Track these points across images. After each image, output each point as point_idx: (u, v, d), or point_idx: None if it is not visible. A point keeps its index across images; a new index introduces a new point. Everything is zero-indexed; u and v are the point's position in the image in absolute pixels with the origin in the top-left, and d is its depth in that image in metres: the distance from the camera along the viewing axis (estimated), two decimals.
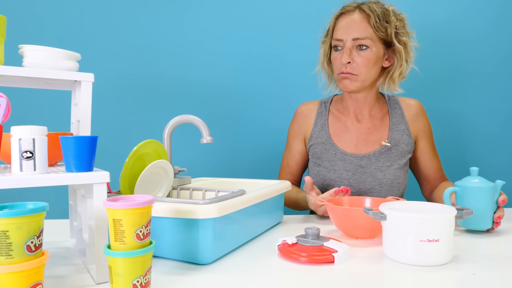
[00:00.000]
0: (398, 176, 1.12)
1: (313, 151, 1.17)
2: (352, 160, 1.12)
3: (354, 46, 1.05)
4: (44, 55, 0.69)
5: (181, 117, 0.90)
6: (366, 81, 1.08)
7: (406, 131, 1.15)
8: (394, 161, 1.12)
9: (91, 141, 0.57)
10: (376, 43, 1.05)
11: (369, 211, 0.70)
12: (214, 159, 1.45)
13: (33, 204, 0.49)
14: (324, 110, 1.20)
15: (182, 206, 0.63)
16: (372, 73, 1.08)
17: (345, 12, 1.09)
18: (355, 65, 1.06)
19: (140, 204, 0.50)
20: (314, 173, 1.17)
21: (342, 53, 1.07)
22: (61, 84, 0.78)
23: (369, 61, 1.05)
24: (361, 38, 1.04)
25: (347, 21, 1.07)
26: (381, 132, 1.15)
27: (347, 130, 1.16)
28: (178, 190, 0.84)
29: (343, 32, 1.06)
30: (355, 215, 0.77)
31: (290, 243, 0.69)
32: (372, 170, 1.11)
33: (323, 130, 1.17)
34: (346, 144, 1.14)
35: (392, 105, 1.18)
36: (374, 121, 1.16)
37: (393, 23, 1.05)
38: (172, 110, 1.41)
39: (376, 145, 1.13)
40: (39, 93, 1.35)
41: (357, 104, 1.16)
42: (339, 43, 1.08)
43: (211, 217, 0.62)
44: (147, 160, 0.79)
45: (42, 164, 0.55)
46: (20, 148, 0.53)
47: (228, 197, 0.69)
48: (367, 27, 1.04)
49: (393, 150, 1.12)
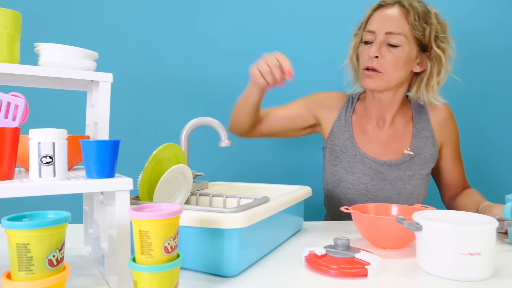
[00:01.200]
0: (419, 187, 1.07)
1: (331, 148, 1.11)
2: (372, 164, 1.06)
3: (385, 42, 0.98)
4: (61, 54, 0.65)
5: (198, 119, 0.86)
6: (391, 82, 1.00)
7: (431, 139, 1.08)
8: (416, 170, 1.06)
9: (113, 145, 0.53)
10: (410, 42, 0.98)
11: (403, 221, 0.66)
12: (226, 162, 1.41)
13: (54, 214, 0.46)
14: (350, 105, 1.13)
15: (207, 214, 0.60)
16: (399, 74, 1.00)
17: (383, 5, 1.01)
18: (383, 61, 0.98)
19: (168, 214, 0.47)
20: (330, 172, 1.11)
21: (371, 47, 0.99)
22: (76, 84, 0.75)
23: (399, 60, 0.97)
24: (395, 33, 0.96)
25: (383, 14, 1.00)
26: (403, 139, 1.09)
27: (367, 133, 1.10)
28: (197, 196, 0.81)
29: (377, 25, 0.99)
30: (384, 224, 0.73)
31: (319, 254, 0.65)
32: (392, 178, 1.06)
33: (345, 127, 1.10)
34: (367, 147, 1.08)
35: (417, 109, 1.11)
36: (396, 127, 1.09)
37: (433, 26, 0.97)
38: (185, 112, 1.38)
39: (397, 152, 1.07)
40: (49, 93, 1.32)
41: (380, 107, 1.08)
42: (370, 36, 1.00)
43: (238, 227, 0.59)
44: (166, 165, 0.75)
45: (62, 169, 0.51)
46: (40, 152, 0.49)
47: (254, 205, 0.65)
48: (404, 23, 0.97)
49: (416, 159, 1.06)
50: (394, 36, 0.96)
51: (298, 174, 1.46)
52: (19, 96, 0.51)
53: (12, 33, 0.61)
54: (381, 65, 0.98)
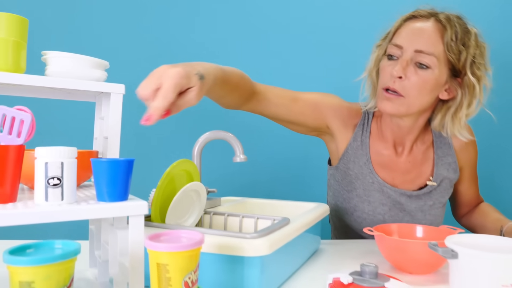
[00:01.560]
0: (439, 215, 0.99)
1: (345, 171, 0.98)
2: (390, 193, 0.95)
3: (413, 60, 0.84)
4: (70, 63, 0.60)
5: (212, 133, 0.81)
6: (413, 108, 0.86)
7: (453, 165, 0.98)
8: (437, 199, 0.97)
9: (127, 165, 0.48)
10: (441, 65, 0.84)
11: (436, 247, 0.61)
12: (231, 173, 1.36)
13: (62, 244, 0.41)
14: (366, 124, 0.99)
15: (226, 240, 0.55)
16: (424, 100, 0.86)
17: (416, 16, 0.87)
18: (407, 83, 0.83)
19: (190, 245, 0.42)
20: (342, 197, 1.00)
21: (395, 64, 0.85)
22: (85, 95, 0.70)
23: (426, 84, 0.83)
24: (426, 52, 0.82)
25: (415, 28, 0.85)
26: (422, 166, 0.97)
27: (385, 159, 0.98)
28: (211, 215, 0.76)
29: (406, 39, 0.85)
30: (413, 249, 0.68)
31: (346, 283, 0.60)
32: (412, 209, 0.96)
33: (362, 150, 0.97)
34: (384, 174, 0.97)
35: (437, 133, 0.98)
36: (415, 154, 0.98)
37: (471, 49, 0.83)
38: (196, 124, 1.33)
39: (417, 181, 0.97)
40: (54, 103, 1.27)
41: (399, 132, 0.95)
42: (396, 50, 0.86)
43: (261, 255, 0.54)
44: (178, 182, 0.70)
45: (71, 192, 0.46)
46: (46, 173, 0.44)
47: (275, 229, 0.60)
48: (438, 41, 0.83)
49: (437, 188, 0.97)
50: (425, 55, 0.82)
51: (303, 186, 1.41)
52: (25, 110, 0.47)
53: (18, 40, 0.57)
54: (404, 87, 0.84)
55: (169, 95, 0.55)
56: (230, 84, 0.77)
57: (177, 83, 0.56)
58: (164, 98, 0.55)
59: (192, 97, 0.60)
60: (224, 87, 0.76)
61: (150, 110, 0.54)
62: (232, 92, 0.81)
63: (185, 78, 0.57)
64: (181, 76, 0.56)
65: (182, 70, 0.57)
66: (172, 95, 0.55)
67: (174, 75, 0.56)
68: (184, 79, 0.57)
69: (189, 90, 0.60)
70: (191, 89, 0.60)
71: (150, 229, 0.59)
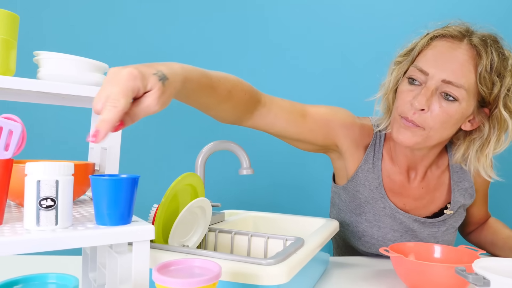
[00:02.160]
0: (452, 240, 0.93)
1: (354, 194, 0.90)
2: (403, 220, 0.88)
3: (438, 90, 0.73)
4: (65, 65, 0.54)
5: (217, 143, 0.76)
6: (432, 141, 0.77)
7: (470, 190, 0.90)
8: (451, 224, 0.90)
9: (131, 183, 0.42)
10: (470, 98, 0.73)
11: (464, 273, 0.56)
12: (234, 185, 1.30)
13: (56, 279, 0.35)
14: (378, 145, 0.90)
15: (239, 266, 0.49)
16: (445, 134, 0.77)
17: (447, 36, 0.75)
18: (429, 116, 0.73)
19: (206, 280, 0.36)
20: (349, 220, 0.92)
21: (418, 92, 0.74)
22: (80, 101, 0.64)
23: (450, 119, 0.73)
24: (455, 84, 0.71)
25: (445, 51, 0.74)
26: (436, 192, 0.90)
27: (396, 183, 0.90)
28: (216, 234, 0.70)
29: (433, 65, 0.73)
30: (433, 272, 0.64)
31: None
32: (425, 236, 0.89)
33: (374, 174, 0.88)
34: (396, 199, 0.89)
35: (453, 157, 0.88)
36: (429, 181, 0.90)
37: (507, 80, 0.72)
38: (200, 135, 1.27)
39: (430, 208, 0.90)
40: (44, 107, 1.20)
41: (413, 158, 0.87)
42: (420, 75, 0.75)
43: (279, 284, 0.48)
44: (182, 197, 0.65)
45: (66, 214, 0.40)
46: (38, 193, 0.38)
47: (291, 252, 0.55)
48: (471, 72, 0.72)
49: (453, 214, 0.90)
50: (453, 87, 0.72)
51: (305, 196, 1.37)
52: (14, 119, 0.41)
53: (8, 38, 0.50)
54: (425, 120, 0.74)
55: (118, 102, 0.43)
56: (217, 91, 0.66)
57: (129, 87, 0.44)
58: (113, 107, 0.43)
59: (150, 102, 0.47)
60: (210, 94, 0.65)
61: (97, 124, 0.42)
62: (223, 102, 0.69)
63: (139, 79, 0.46)
64: (134, 77, 0.45)
65: (135, 70, 0.46)
66: (123, 102, 0.43)
67: (125, 77, 0.45)
68: (138, 81, 0.46)
69: (146, 94, 0.48)
70: (149, 93, 0.48)
71: (153, 253, 0.53)
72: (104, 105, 0.43)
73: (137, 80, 0.46)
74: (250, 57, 1.33)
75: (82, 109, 0.67)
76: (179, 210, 0.64)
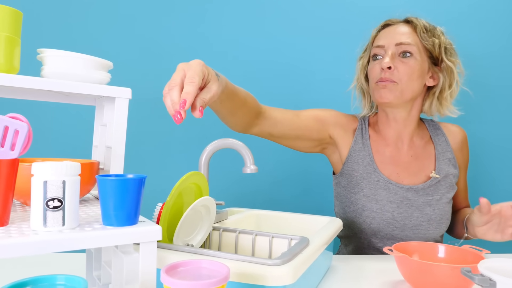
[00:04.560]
0: (447, 211, 1.00)
1: (350, 174, 1.00)
2: (396, 190, 0.97)
3: (397, 53, 0.94)
4: (69, 63, 0.54)
5: (220, 141, 0.76)
6: (406, 93, 0.94)
7: (453, 161, 1.03)
8: (443, 194, 0.99)
9: (138, 183, 0.42)
10: (421, 53, 0.94)
11: (471, 274, 0.56)
12: (236, 183, 1.30)
13: (65, 280, 0.34)
14: (364, 128, 1.05)
15: (244, 266, 0.49)
16: (414, 86, 0.94)
17: (389, 24, 0.99)
18: (396, 72, 0.92)
19: (215, 283, 0.36)
20: (349, 201, 1.00)
21: (382, 60, 0.94)
22: (83, 98, 0.63)
23: (413, 70, 0.93)
24: (406, 43, 0.93)
25: (391, 30, 0.97)
26: (425, 161, 1.02)
27: (387, 157, 1.01)
28: (221, 232, 0.70)
29: (386, 39, 0.95)
30: (438, 272, 0.64)
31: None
32: (420, 204, 0.97)
33: (365, 151, 1.01)
34: (389, 171, 0.99)
35: (434, 131, 1.06)
36: (416, 149, 1.02)
37: (442, 39, 0.95)
38: (203, 133, 1.26)
39: (421, 176, 1.00)
40: (47, 104, 1.19)
41: (396, 125, 1.01)
42: (379, 50, 0.96)
43: (285, 285, 0.48)
44: (186, 196, 0.64)
45: (73, 215, 0.40)
46: (45, 194, 0.38)
47: (297, 252, 0.55)
48: (414, 35, 0.94)
49: (442, 182, 0.99)
50: (405, 46, 0.93)
51: (307, 195, 1.36)
52: (20, 118, 0.40)
53: (11, 35, 0.50)
54: (394, 75, 0.93)
55: (195, 79, 0.56)
56: (238, 97, 0.77)
57: (200, 70, 0.58)
58: (191, 82, 0.55)
59: (214, 88, 0.61)
60: (233, 99, 0.76)
61: (182, 95, 0.54)
62: (241, 108, 0.80)
63: (205, 67, 0.60)
64: (202, 64, 0.59)
65: (201, 61, 0.60)
66: (198, 80, 0.56)
67: (196, 63, 0.59)
68: (204, 68, 0.59)
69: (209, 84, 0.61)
70: (211, 82, 0.61)
71: (159, 252, 0.53)
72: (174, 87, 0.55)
73: (204, 67, 0.59)
74: (250, 57, 1.32)
75: (85, 107, 0.67)
76: (184, 208, 0.64)
